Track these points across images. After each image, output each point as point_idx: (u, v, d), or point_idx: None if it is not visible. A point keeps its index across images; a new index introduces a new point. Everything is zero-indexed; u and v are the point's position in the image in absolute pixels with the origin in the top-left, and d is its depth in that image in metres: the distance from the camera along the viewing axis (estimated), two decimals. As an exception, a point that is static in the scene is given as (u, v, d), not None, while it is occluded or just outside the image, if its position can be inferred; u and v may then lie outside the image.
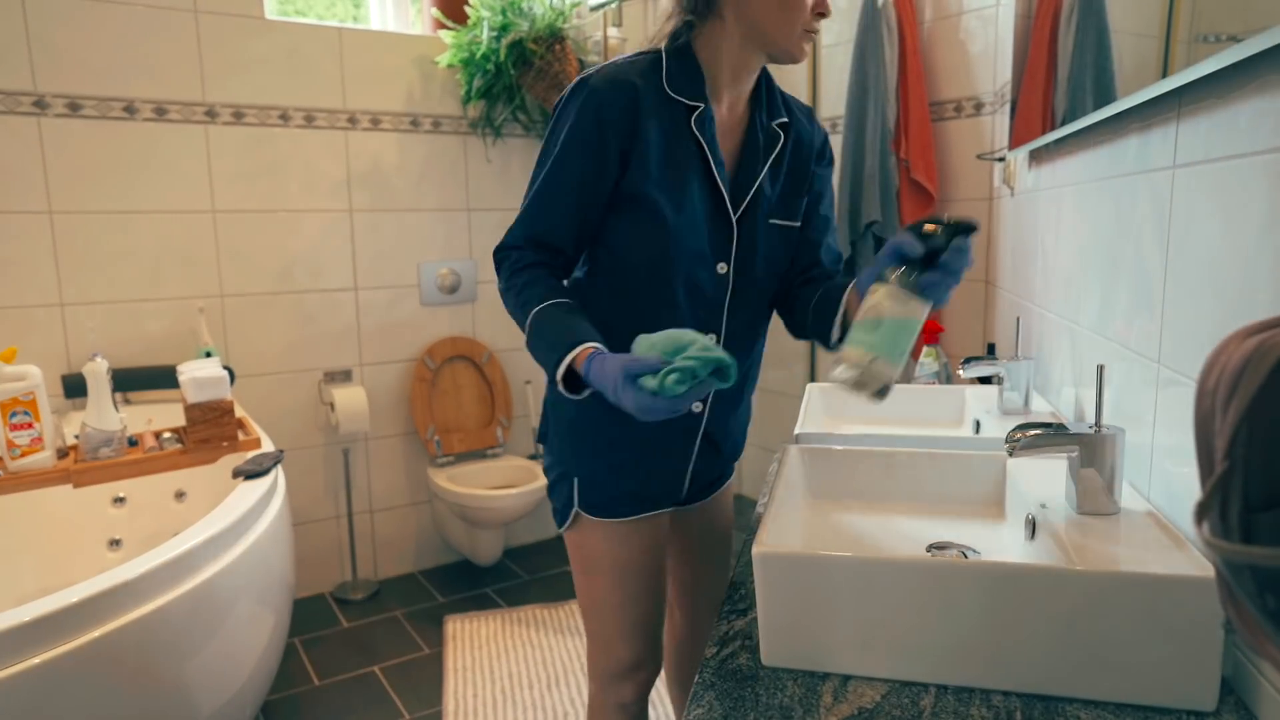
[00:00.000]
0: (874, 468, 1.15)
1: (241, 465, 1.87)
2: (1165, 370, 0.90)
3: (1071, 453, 0.91)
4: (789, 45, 1.06)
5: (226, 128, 2.45)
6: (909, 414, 1.62)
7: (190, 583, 1.46)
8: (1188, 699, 0.71)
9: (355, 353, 2.74)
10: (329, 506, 2.75)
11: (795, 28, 1.04)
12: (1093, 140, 1.21)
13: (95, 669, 1.29)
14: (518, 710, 2.04)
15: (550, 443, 1.25)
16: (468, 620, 2.51)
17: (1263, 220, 0.70)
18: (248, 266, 2.53)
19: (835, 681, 0.78)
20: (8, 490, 1.88)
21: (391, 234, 2.75)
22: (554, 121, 1.11)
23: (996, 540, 1.02)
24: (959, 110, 2.48)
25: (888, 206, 2.45)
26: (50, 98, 2.22)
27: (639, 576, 1.23)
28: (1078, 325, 1.27)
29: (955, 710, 0.73)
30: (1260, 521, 0.42)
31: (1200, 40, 0.80)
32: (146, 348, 2.41)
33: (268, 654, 1.76)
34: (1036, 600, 0.73)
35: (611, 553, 1.21)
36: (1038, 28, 1.46)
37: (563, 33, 2.57)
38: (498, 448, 2.91)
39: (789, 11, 1.03)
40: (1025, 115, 1.57)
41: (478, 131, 2.81)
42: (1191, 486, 0.83)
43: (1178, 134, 0.88)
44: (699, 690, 0.78)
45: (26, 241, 2.24)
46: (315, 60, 2.55)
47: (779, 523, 0.93)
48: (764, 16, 1.04)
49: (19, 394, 1.88)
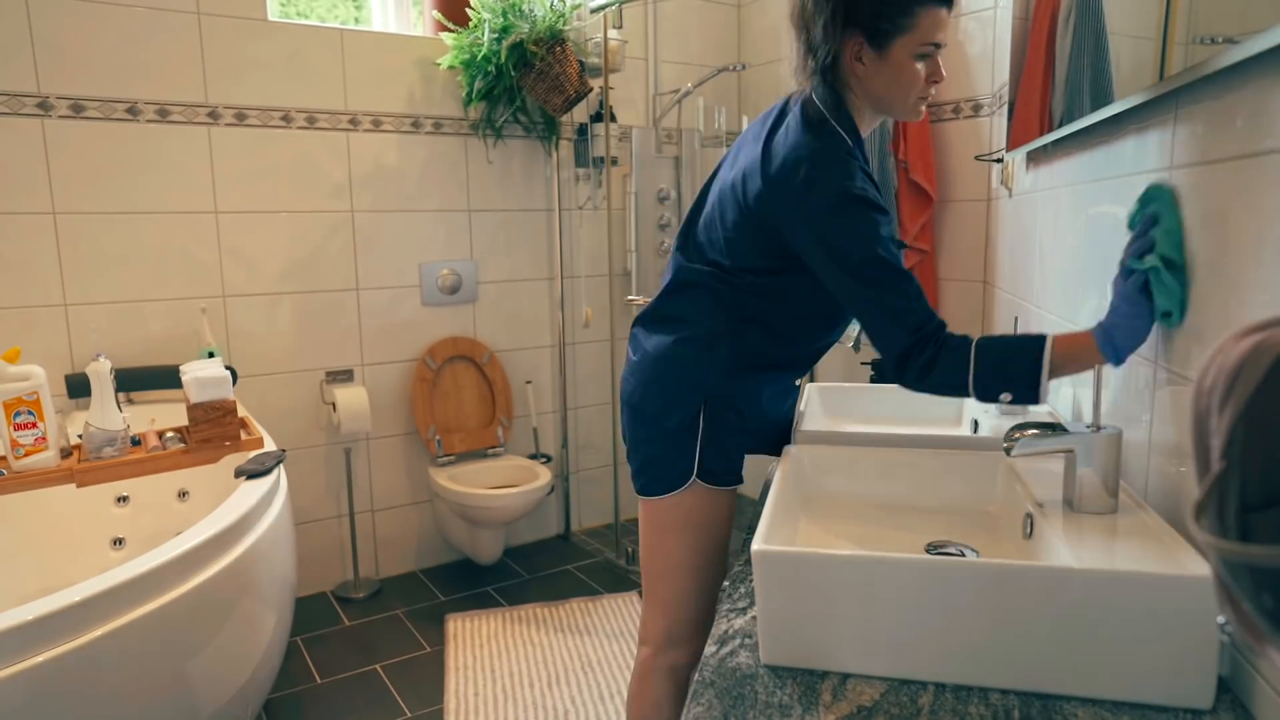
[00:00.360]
0: (873, 467, 1.16)
1: (244, 465, 1.88)
2: (1162, 370, 0.90)
3: (1069, 452, 0.92)
4: (905, 113, 1.19)
5: (229, 129, 2.46)
6: (908, 413, 1.62)
7: (193, 582, 1.47)
8: (1184, 697, 0.72)
9: (357, 353, 2.74)
10: (330, 506, 2.76)
11: (909, 97, 1.16)
12: (1090, 141, 1.22)
13: (98, 668, 1.29)
14: (518, 708, 2.04)
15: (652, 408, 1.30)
16: (468, 619, 2.52)
17: (1259, 221, 0.70)
18: (250, 267, 2.54)
19: (834, 680, 0.79)
20: (12, 489, 1.88)
21: (393, 235, 2.75)
22: (810, 190, 1.14)
23: (994, 539, 1.03)
24: (957, 112, 2.49)
25: (887, 207, 2.46)
26: (54, 99, 2.23)
27: (717, 541, 1.33)
28: (1076, 325, 1.28)
29: (954, 708, 0.74)
30: (1257, 520, 0.43)
31: (1197, 42, 0.81)
32: (149, 348, 2.42)
33: (270, 652, 1.76)
34: (1034, 599, 0.74)
35: (703, 514, 1.30)
36: (1035, 30, 1.47)
37: (563, 35, 2.58)
38: (498, 447, 2.92)
39: (905, 85, 1.15)
40: (1023, 117, 1.57)
41: (479, 133, 2.82)
42: (1188, 486, 0.83)
43: (1174, 135, 0.88)
44: (699, 688, 0.78)
45: (30, 242, 2.24)
46: (317, 62, 2.56)
47: (778, 522, 0.93)
48: (879, 90, 1.16)
49: (23, 394, 1.89)
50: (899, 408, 1.64)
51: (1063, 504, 0.94)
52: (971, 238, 2.48)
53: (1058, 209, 1.43)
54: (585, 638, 2.39)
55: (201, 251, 2.47)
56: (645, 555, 1.36)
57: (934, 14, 1.11)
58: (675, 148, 3.06)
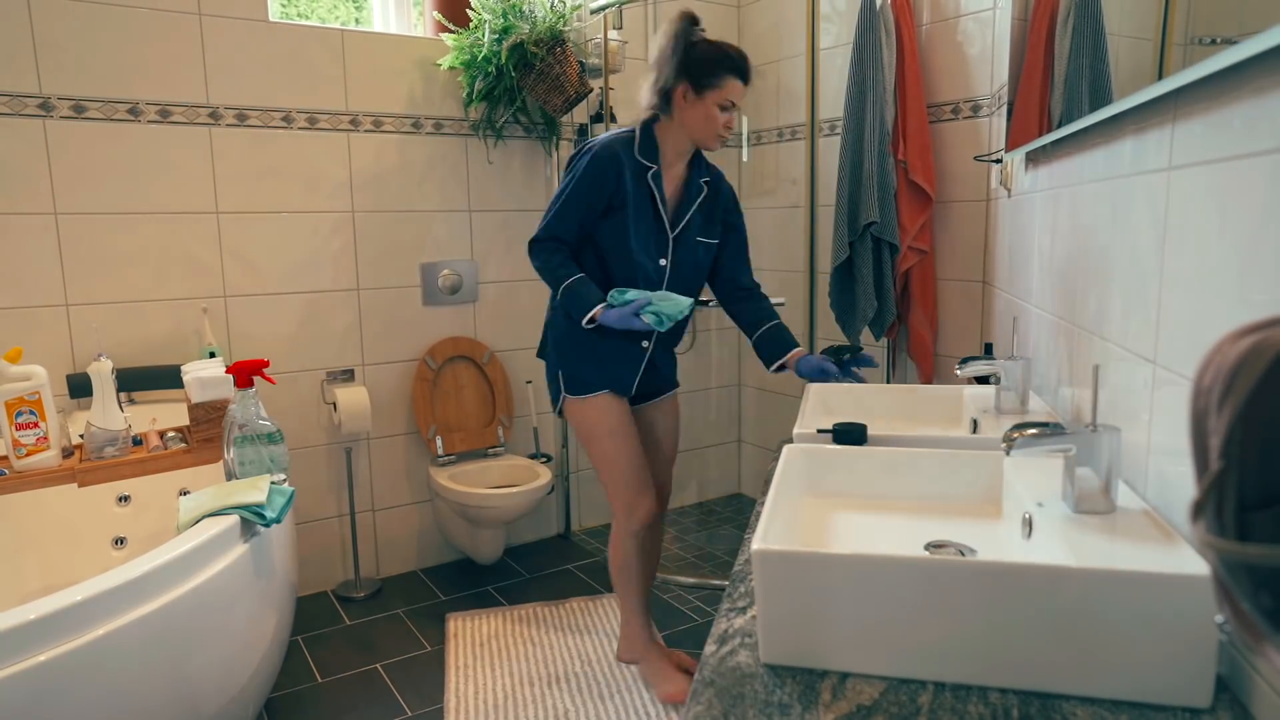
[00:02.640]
0: (872, 466, 1.16)
1: (244, 465, 1.88)
2: (1161, 370, 0.91)
3: (1068, 452, 0.92)
4: (707, 143, 1.86)
5: (230, 129, 2.46)
6: (907, 413, 1.63)
7: (194, 581, 1.47)
8: (1183, 696, 0.72)
9: (357, 353, 2.75)
10: (331, 505, 2.76)
11: (710, 133, 1.83)
12: (1089, 142, 1.22)
13: (99, 667, 1.30)
14: (518, 707, 2.04)
15: (549, 354, 1.99)
16: (469, 618, 2.52)
17: (1258, 221, 0.70)
18: (251, 267, 2.54)
19: (834, 679, 0.79)
20: (13, 489, 1.89)
21: (393, 235, 2.76)
22: (573, 165, 1.86)
23: (993, 539, 1.03)
24: (956, 112, 2.49)
25: (886, 207, 2.46)
26: (55, 100, 2.23)
27: (623, 434, 1.93)
28: (1074, 325, 1.28)
29: (953, 707, 0.74)
30: (1255, 520, 0.43)
31: (1195, 43, 0.81)
32: (150, 348, 2.42)
33: (271, 652, 1.77)
34: (1033, 598, 0.74)
35: (599, 417, 1.92)
36: (1034, 30, 1.47)
37: (564, 35, 2.58)
38: (499, 447, 2.92)
39: (708, 124, 1.82)
40: (1022, 117, 1.58)
41: (479, 133, 2.82)
42: (1187, 485, 0.83)
43: (1173, 136, 0.89)
44: (699, 687, 0.78)
45: (32, 242, 2.25)
46: (318, 62, 2.56)
47: (778, 521, 0.94)
48: (692, 124, 1.83)
49: (24, 394, 1.89)
50: (899, 407, 1.64)
51: (1061, 503, 0.94)
52: (970, 238, 2.49)
53: (1057, 209, 1.44)
54: (585, 637, 2.39)
55: (203, 251, 2.47)
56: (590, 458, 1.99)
57: (735, 83, 1.79)
58: (675, 148, 3.06)
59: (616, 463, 1.93)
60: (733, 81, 1.79)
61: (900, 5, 2.46)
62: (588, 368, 1.91)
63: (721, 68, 1.77)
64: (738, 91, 1.80)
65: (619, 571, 2.05)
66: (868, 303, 2.50)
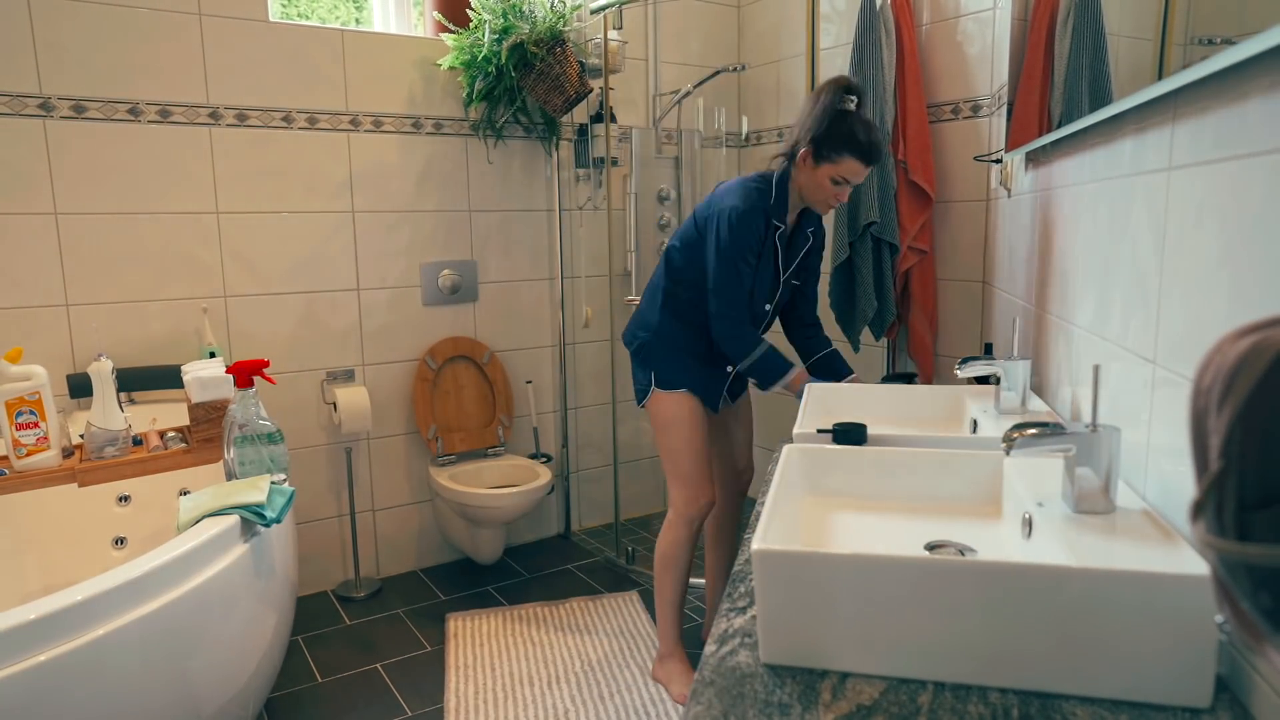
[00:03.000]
0: (872, 466, 1.16)
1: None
2: (1161, 370, 0.91)
3: (1068, 452, 0.92)
4: (814, 207, 1.96)
5: (230, 129, 2.46)
6: (907, 413, 1.63)
7: (194, 581, 1.47)
8: (1183, 696, 0.72)
9: (357, 353, 2.75)
10: (331, 505, 2.76)
11: (819, 201, 1.92)
12: (1089, 142, 1.22)
13: (100, 667, 1.30)
14: (518, 707, 2.04)
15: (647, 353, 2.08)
16: (469, 618, 2.52)
17: (1257, 221, 0.71)
18: (251, 267, 2.54)
19: (834, 679, 0.79)
20: (13, 489, 1.89)
21: (393, 235, 2.76)
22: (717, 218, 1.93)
23: (993, 539, 1.03)
24: (956, 112, 2.49)
25: (886, 207, 2.46)
26: (55, 100, 2.23)
27: (696, 429, 2.05)
28: (1074, 325, 1.28)
29: (953, 707, 0.74)
30: (1255, 520, 0.43)
31: (1195, 43, 0.81)
32: (151, 348, 2.42)
33: (271, 651, 1.77)
34: (1033, 598, 0.74)
35: (677, 410, 2.04)
36: (1034, 30, 1.47)
37: (564, 35, 2.58)
38: (499, 447, 2.92)
39: (818, 191, 1.89)
40: (1022, 117, 1.58)
41: (479, 133, 2.82)
42: (1187, 485, 0.83)
43: (1173, 136, 0.89)
44: (699, 687, 0.79)
45: (32, 242, 2.25)
46: (318, 63, 2.56)
47: (778, 521, 0.94)
48: (805, 186, 1.91)
49: (25, 394, 1.89)
50: (899, 407, 1.64)
51: (1061, 503, 0.95)
52: (970, 238, 2.49)
53: (1056, 209, 1.44)
54: (585, 637, 2.39)
55: (203, 251, 2.47)
56: (659, 448, 2.10)
57: (854, 164, 1.82)
58: (675, 148, 3.07)
59: (684, 453, 2.03)
60: (851, 162, 1.81)
61: (900, 5, 2.46)
62: (682, 374, 2.06)
63: (846, 147, 1.79)
64: (854, 171, 1.82)
65: (664, 558, 2.09)
66: (868, 303, 2.50)
